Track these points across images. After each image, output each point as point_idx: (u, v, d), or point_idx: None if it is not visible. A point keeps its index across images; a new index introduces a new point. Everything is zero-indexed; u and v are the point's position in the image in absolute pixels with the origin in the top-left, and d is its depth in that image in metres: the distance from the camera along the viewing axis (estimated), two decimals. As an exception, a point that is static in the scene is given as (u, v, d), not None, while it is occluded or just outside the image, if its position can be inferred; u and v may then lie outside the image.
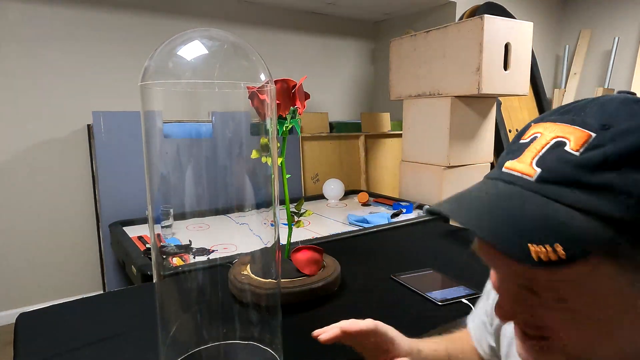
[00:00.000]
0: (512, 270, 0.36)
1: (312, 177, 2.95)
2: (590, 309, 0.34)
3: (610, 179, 0.31)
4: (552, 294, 0.35)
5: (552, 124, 0.36)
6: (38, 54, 2.35)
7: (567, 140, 0.33)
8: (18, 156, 2.36)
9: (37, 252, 2.45)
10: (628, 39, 3.34)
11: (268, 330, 0.84)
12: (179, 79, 0.66)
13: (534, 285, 0.36)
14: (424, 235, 1.71)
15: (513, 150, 0.37)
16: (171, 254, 1.42)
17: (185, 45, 0.66)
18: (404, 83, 2.48)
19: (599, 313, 0.35)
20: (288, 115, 0.93)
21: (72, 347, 0.85)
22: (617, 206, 0.30)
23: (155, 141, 0.73)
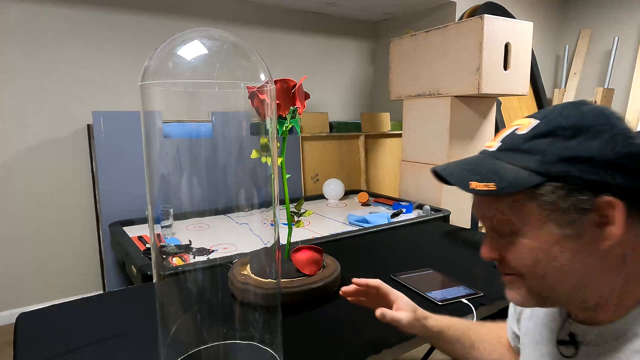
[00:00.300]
0: (485, 214, 0.51)
1: (312, 177, 2.95)
2: (534, 243, 0.48)
3: (532, 145, 0.47)
4: (505, 228, 0.49)
5: (522, 118, 0.52)
6: (38, 54, 2.35)
7: (520, 126, 0.50)
8: (18, 156, 2.36)
9: (37, 252, 2.45)
10: (628, 39, 3.34)
11: (268, 330, 0.84)
12: (179, 78, 0.66)
13: (496, 223, 0.50)
14: (424, 235, 1.71)
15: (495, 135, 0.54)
16: (171, 254, 1.42)
17: (185, 45, 0.66)
18: (404, 83, 2.48)
19: (542, 250, 0.47)
20: (288, 115, 0.93)
21: (72, 347, 0.85)
22: (534, 162, 0.46)
23: (155, 141, 0.73)
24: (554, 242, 0.47)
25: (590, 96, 3.41)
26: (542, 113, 0.50)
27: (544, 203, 0.46)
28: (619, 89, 3.37)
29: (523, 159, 0.47)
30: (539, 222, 0.47)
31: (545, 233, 0.47)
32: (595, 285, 0.48)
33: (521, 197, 0.47)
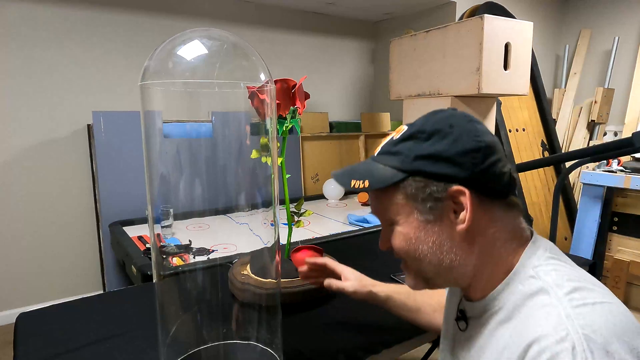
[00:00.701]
0: (373, 210, 0.62)
1: (312, 177, 2.95)
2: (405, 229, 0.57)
3: (399, 147, 0.56)
4: (386, 219, 0.59)
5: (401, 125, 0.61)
6: (38, 54, 2.35)
7: (395, 132, 0.59)
8: (18, 156, 2.36)
9: (37, 252, 2.45)
10: (628, 39, 3.34)
11: (268, 330, 0.84)
12: (178, 78, 0.66)
13: (380, 216, 0.60)
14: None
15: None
16: (171, 254, 1.42)
17: (185, 45, 0.66)
18: (404, 83, 2.48)
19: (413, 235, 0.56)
20: (288, 115, 0.93)
21: (72, 347, 0.85)
22: (398, 161, 0.56)
23: (155, 141, 0.73)
24: (420, 228, 0.56)
25: (591, 96, 3.42)
26: (414, 121, 0.59)
27: (407, 195, 0.56)
28: (619, 89, 3.37)
29: (391, 159, 0.56)
30: (407, 212, 0.56)
31: (412, 220, 0.56)
32: (460, 267, 0.56)
33: (391, 191, 0.57)
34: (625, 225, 2.17)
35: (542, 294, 0.51)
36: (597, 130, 3.41)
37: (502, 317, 0.54)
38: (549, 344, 0.46)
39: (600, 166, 2.14)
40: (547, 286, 0.51)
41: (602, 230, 2.20)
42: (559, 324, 0.46)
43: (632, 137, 1.67)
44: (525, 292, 0.52)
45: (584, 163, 2.00)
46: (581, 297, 0.49)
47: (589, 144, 3.38)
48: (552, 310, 0.48)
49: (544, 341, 0.46)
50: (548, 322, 0.47)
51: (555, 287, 0.50)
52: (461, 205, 0.54)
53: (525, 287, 0.53)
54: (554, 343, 0.45)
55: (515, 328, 0.51)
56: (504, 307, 0.54)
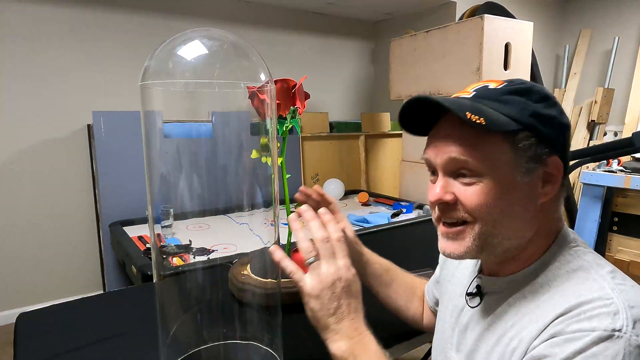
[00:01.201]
0: (451, 156, 0.53)
1: (312, 177, 2.95)
2: (498, 186, 0.52)
3: (509, 98, 0.53)
4: (474, 169, 0.52)
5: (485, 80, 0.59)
6: (38, 54, 2.35)
7: (490, 84, 0.56)
8: (18, 156, 2.36)
9: (37, 252, 2.45)
10: (628, 39, 3.34)
11: (268, 330, 0.84)
12: (179, 78, 0.66)
13: (464, 164, 0.52)
14: (424, 235, 1.71)
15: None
16: (171, 254, 1.42)
17: (185, 45, 0.66)
18: (404, 83, 2.48)
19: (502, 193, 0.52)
20: (288, 115, 0.93)
21: (72, 347, 0.85)
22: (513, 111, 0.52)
23: (155, 141, 0.73)
24: (513, 187, 0.52)
25: (591, 96, 3.41)
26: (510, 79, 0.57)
27: (517, 148, 0.52)
28: (619, 89, 3.37)
29: (502, 107, 0.52)
30: (507, 167, 0.52)
31: (508, 178, 0.52)
32: (521, 238, 0.55)
33: (499, 140, 0.52)
34: (625, 225, 2.17)
35: (583, 271, 0.52)
36: (597, 130, 3.41)
37: (534, 290, 0.54)
38: (593, 305, 0.46)
39: (600, 166, 2.14)
40: (587, 265, 0.52)
41: (602, 230, 2.19)
42: (604, 293, 0.47)
43: (632, 137, 1.67)
44: (564, 269, 0.53)
45: (584, 163, 2.00)
46: (621, 278, 0.50)
47: (589, 144, 3.38)
48: (595, 284, 0.49)
49: (587, 304, 0.47)
50: (592, 291, 0.48)
51: (596, 267, 0.52)
52: (551, 176, 0.53)
53: (564, 264, 0.53)
54: (598, 305, 0.46)
55: (552, 299, 0.51)
56: (539, 282, 0.54)
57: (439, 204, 0.55)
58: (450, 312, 0.67)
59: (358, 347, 0.56)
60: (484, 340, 0.57)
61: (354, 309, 0.58)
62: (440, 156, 0.55)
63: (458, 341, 0.63)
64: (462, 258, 0.57)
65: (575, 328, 0.46)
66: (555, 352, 0.46)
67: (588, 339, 0.44)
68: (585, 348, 0.44)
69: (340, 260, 0.58)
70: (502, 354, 0.53)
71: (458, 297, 0.66)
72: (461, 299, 0.65)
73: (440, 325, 0.69)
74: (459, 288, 0.67)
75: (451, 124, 0.55)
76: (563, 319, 0.47)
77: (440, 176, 0.55)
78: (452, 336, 0.65)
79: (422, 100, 0.55)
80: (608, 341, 0.44)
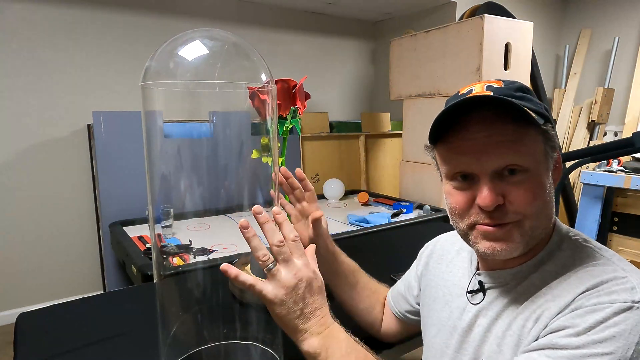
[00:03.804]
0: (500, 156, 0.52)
1: (312, 177, 2.95)
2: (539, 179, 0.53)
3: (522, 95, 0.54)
4: (521, 166, 0.52)
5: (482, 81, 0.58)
6: (38, 54, 2.35)
7: (494, 83, 0.56)
8: (18, 156, 2.36)
9: (37, 252, 2.45)
10: (628, 39, 3.34)
11: (268, 330, 0.84)
12: (180, 79, 0.66)
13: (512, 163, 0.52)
14: (424, 235, 1.71)
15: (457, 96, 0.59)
16: (171, 254, 1.42)
17: (186, 46, 0.66)
18: (404, 83, 2.48)
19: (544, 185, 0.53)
20: (288, 116, 0.93)
21: (72, 347, 0.85)
22: (534, 106, 0.53)
23: (155, 141, 0.73)
24: (547, 177, 0.54)
25: (591, 96, 3.41)
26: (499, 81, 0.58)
27: (547, 139, 0.54)
28: (619, 89, 3.37)
29: (524, 103, 0.52)
30: (543, 158, 0.54)
31: (544, 168, 0.54)
32: (548, 224, 0.57)
33: (534, 132, 0.53)
34: (625, 225, 2.17)
35: (591, 258, 0.53)
36: (597, 130, 3.42)
37: (543, 278, 0.55)
38: (611, 284, 0.49)
39: (600, 166, 2.14)
40: (592, 252, 0.54)
41: (602, 230, 2.19)
42: (619, 274, 0.50)
43: (632, 137, 1.67)
44: (572, 258, 0.54)
45: (584, 163, 2.00)
46: (628, 263, 0.53)
47: (589, 144, 3.38)
48: (608, 267, 0.51)
49: (605, 283, 0.49)
50: (607, 273, 0.50)
51: (602, 251, 0.54)
52: (558, 163, 0.57)
53: (569, 253, 0.55)
54: (616, 283, 0.48)
55: (567, 282, 0.52)
56: (548, 270, 0.55)
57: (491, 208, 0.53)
58: (448, 316, 0.66)
59: (328, 340, 0.57)
60: (492, 331, 0.57)
61: (319, 304, 0.57)
62: (488, 160, 0.52)
63: (459, 342, 0.62)
64: (511, 256, 0.55)
65: (595, 301, 0.48)
66: (577, 323, 0.47)
67: (609, 310, 0.46)
68: (607, 318, 0.46)
69: (298, 260, 0.57)
70: (518, 336, 0.53)
71: (456, 298, 0.66)
72: (461, 299, 0.64)
73: (435, 331, 0.68)
74: (455, 290, 0.67)
75: (485, 125, 0.53)
76: (583, 296, 0.49)
77: (484, 180, 0.53)
78: (450, 339, 0.64)
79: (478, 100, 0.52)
80: (628, 311, 0.46)
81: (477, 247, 0.56)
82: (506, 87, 0.55)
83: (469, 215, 0.55)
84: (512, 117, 0.51)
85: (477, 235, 0.55)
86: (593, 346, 0.45)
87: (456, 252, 0.72)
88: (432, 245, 0.81)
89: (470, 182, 0.55)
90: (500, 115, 0.52)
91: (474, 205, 0.54)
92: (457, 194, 0.56)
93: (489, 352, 0.57)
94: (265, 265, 0.55)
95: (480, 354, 0.58)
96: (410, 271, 0.84)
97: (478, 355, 0.59)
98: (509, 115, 0.52)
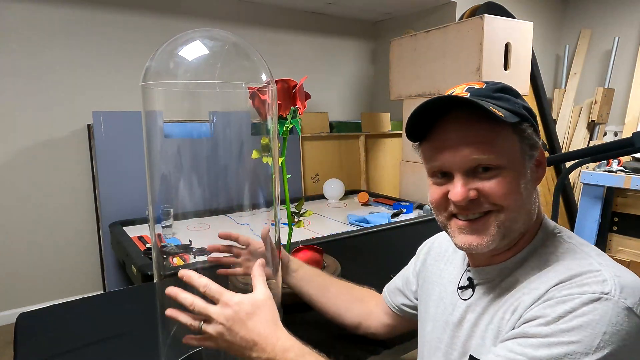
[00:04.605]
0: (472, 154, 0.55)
1: (312, 177, 2.95)
2: (514, 174, 0.55)
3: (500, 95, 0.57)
4: (494, 163, 0.54)
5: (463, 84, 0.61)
6: (38, 53, 2.35)
7: (474, 85, 0.59)
8: (18, 156, 2.36)
9: (37, 252, 2.45)
10: (628, 39, 3.34)
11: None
12: (180, 79, 0.66)
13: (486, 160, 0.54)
14: (424, 235, 1.71)
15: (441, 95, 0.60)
16: (172, 254, 1.42)
17: (186, 46, 0.66)
18: (404, 83, 2.48)
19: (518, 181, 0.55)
20: (288, 116, 0.93)
21: (72, 347, 0.85)
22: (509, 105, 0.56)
23: (155, 141, 0.73)
24: (524, 174, 0.56)
25: (591, 96, 3.42)
26: (483, 80, 0.61)
27: (523, 137, 0.56)
28: (619, 89, 3.37)
29: (500, 103, 0.55)
30: (518, 156, 0.56)
31: (520, 166, 0.56)
32: (529, 220, 0.58)
33: (509, 132, 0.55)
34: (625, 225, 2.17)
35: (570, 253, 0.55)
36: (597, 130, 3.42)
37: (525, 273, 0.57)
38: (583, 277, 0.50)
39: (600, 166, 2.14)
40: (573, 247, 0.56)
41: (602, 230, 2.19)
42: (593, 267, 0.51)
43: (632, 137, 1.67)
44: (554, 253, 0.56)
45: (584, 163, 2.00)
46: (607, 258, 0.54)
47: (589, 144, 3.38)
48: (584, 261, 0.53)
49: (578, 276, 0.51)
50: (581, 266, 0.52)
51: (583, 247, 0.56)
52: (540, 162, 0.59)
53: (552, 249, 0.57)
54: (588, 277, 0.50)
55: (544, 276, 0.54)
56: (530, 265, 0.57)
57: (464, 202, 0.56)
58: (442, 312, 0.68)
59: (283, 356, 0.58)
60: (479, 325, 0.59)
61: (256, 334, 0.58)
62: (460, 159, 0.56)
63: (450, 338, 0.64)
64: (487, 249, 0.57)
65: (566, 293, 0.49)
66: (547, 313, 0.49)
67: (578, 300, 0.48)
68: (576, 308, 0.47)
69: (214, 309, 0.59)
70: (497, 328, 0.56)
71: (450, 294, 0.67)
72: (453, 295, 0.66)
73: (430, 326, 0.70)
74: (449, 287, 0.69)
75: (459, 125, 0.56)
76: (556, 288, 0.51)
77: (458, 176, 0.56)
78: (443, 334, 0.66)
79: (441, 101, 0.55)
80: (597, 302, 0.47)
81: (454, 240, 0.60)
82: (486, 88, 0.58)
83: (445, 208, 0.59)
84: (485, 118, 0.54)
85: (455, 229, 0.59)
86: (561, 335, 0.47)
87: (453, 249, 0.73)
88: (431, 242, 0.82)
89: (447, 178, 0.58)
90: (475, 115, 0.55)
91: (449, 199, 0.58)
92: (436, 189, 0.60)
93: (475, 346, 0.59)
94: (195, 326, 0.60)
95: (468, 349, 0.60)
96: (408, 267, 0.85)
97: (466, 349, 0.60)
98: (483, 116, 0.54)
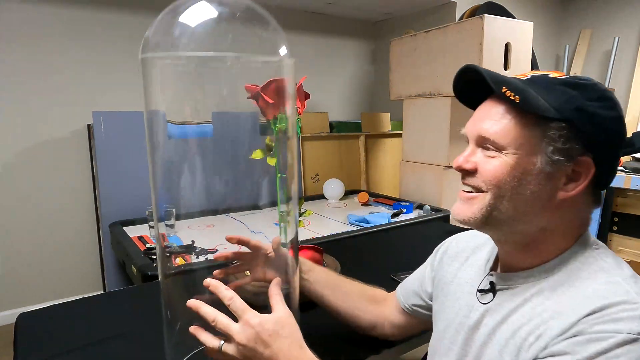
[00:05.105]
0: (484, 127, 0.56)
1: (312, 177, 2.95)
2: (517, 165, 0.53)
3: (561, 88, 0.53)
4: (500, 143, 0.54)
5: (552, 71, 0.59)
6: (38, 54, 2.34)
7: (552, 73, 0.57)
8: (18, 156, 2.36)
9: (37, 252, 2.45)
10: (628, 39, 3.34)
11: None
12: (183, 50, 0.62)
13: (493, 136, 0.54)
14: (424, 235, 1.71)
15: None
16: (174, 254, 1.42)
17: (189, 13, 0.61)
18: (404, 83, 2.48)
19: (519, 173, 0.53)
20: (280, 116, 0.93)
21: (72, 347, 0.85)
22: (556, 100, 0.52)
23: (158, 140, 0.73)
24: (530, 171, 0.53)
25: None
26: (563, 73, 0.58)
27: (547, 135, 0.52)
28: (619, 89, 3.37)
29: (548, 94, 0.52)
30: (532, 150, 0.53)
31: (530, 161, 0.53)
32: (530, 225, 0.56)
33: (532, 122, 0.53)
34: (625, 225, 2.17)
35: (604, 273, 0.52)
36: (597, 131, 3.42)
37: (552, 287, 0.54)
38: (619, 308, 0.47)
39: (601, 166, 2.14)
40: (608, 267, 0.53)
41: (602, 230, 2.20)
42: (630, 297, 0.48)
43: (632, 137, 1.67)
44: (586, 270, 0.53)
45: (584, 163, 2.00)
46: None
47: (588, 144, 3.38)
48: (620, 288, 0.49)
49: (613, 307, 0.47)
50: (617, 295, 0.48)
51: (618, 269, 0.53)
52: (578, 176, 0.53)
53: (585, 265, 0.54)
54: (624, 309, 0.46)
55: (574, 299, 0.51)
56: (558, 280, 0.55)
57: (460, 170, 0.59)
58: (456, 312, 0.66)
59: None
60: (496, 334, 0.57)
61: (289, 350, 0.58)
62: (472, 129, 0.58)
63: (465, 340, 0.63)
64: (467, 224, 0.58)
65: (598, 329, 0.46)
66: (577, 350, 0.46)
67: (612, 341, 0.45)
68: (609, 349, 0.44)
69: (235, 326, 0.59)
70: (518, 347, 0.53)
71: (466, 295, 0.66)
72: (470, 297, 0.65)
73: (444, 326, 0.69)
74: (466, 287, 0.67)
75: (492, 101, 0.57)
76: (587, 320, 0.47)
77: (469, 146, 0.59)
78: (457, 336, 0.65)
79: (469, 71, 0.58)
80: (631, 344, 0.44)
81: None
82: (552, 79, 0.55)
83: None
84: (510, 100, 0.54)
85: (457, 197, 0.61)
86: None
87: (472, 250, 0.72)
88: (449, 242, 0.80)
89: None
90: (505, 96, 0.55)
91: None
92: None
93: (490, 356, 0.57)
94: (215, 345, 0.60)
95: (482, 355, 0.58)
96: (424, 267, 0.83)
97: (480, 355, 0.59)
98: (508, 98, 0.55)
